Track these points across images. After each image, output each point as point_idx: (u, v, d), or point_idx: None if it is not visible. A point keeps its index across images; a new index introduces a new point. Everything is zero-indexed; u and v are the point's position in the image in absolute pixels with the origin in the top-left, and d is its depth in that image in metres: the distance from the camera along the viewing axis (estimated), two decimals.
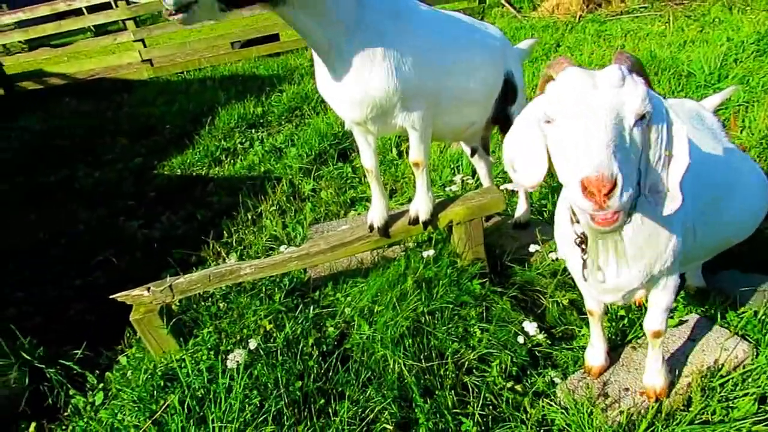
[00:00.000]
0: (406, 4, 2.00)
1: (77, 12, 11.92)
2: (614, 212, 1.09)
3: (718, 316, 2.21)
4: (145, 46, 8.68)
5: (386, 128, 2.09)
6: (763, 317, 2.12)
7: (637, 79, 1.16)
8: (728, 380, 1.89)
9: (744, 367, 1.94)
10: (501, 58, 2.39)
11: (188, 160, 4.97)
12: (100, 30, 13.52)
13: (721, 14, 6.78)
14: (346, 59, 1.86)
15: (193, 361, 2.24)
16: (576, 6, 8.28)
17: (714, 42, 5.54)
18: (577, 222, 1.47)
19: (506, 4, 9.20)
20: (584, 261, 1.54)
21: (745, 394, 1.84)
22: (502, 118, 2.52)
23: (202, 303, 2.66)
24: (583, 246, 1.51)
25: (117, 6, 8.62)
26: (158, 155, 5.30)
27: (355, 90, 1.90)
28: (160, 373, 2.26)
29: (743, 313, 2.16)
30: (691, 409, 1.82)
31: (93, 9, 9.61)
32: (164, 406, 2.02)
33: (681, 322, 2.17)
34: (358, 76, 1.88)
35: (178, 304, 2.65)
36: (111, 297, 2.34)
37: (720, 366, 1.94)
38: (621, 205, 1.05)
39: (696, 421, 1.78)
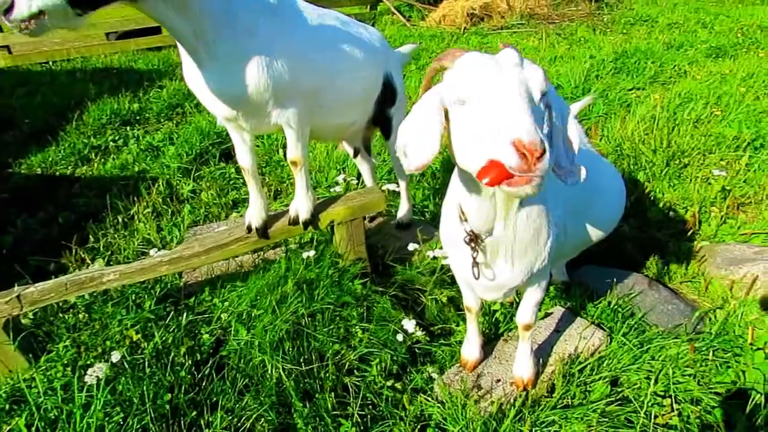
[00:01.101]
0: (285, 3, 1.95)
1: None
2: (538, 177, 1.08)
3: (579, 307, 2.39)
4: (1, 31, 7.75)
5: (260, 126, 2.02)
6: (616, 306, 2.34)
7: (529, 62, 1.22)
8: (586, 366, 2.04)
9: (600, 353, 2.12)
10: (381, 59, 2.42)
11: (51, 158, 4.49)
12: None
13: (587, 34, 7.48)
14: (214, 54, 1.77)
15: (45, 380, 2.01)
16: (461, 18, 8.69)
17: (580, 59, 6.08)
18: (466, 221, 1.50)
19: (396, 13, 9.44)
20: (474, 259, 1.57)
21: (600, 378, 2.00)
22: (382, 119, 2.55)
23: (61, 315, 2.40)
24: (473, 244, 1.53)
25: None
26: (15, 152, 4.72)
27: (223, 85, 1.82)
28: (4, 396, 1.99)
29: (599, 303, 2.36)
30: (554, 395, 1.95)
31: None
32: None
33: (547, 315, 2.33)
34: (226, 72, 1.80)
35: (31, 317, 2.37)
36: None
37: (579, 353, 2.10)
38: (545, 170, 1.06)
39: (558, 406, 1.91)
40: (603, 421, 1.83)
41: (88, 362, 2.07)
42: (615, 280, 2.46)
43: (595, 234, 2.03)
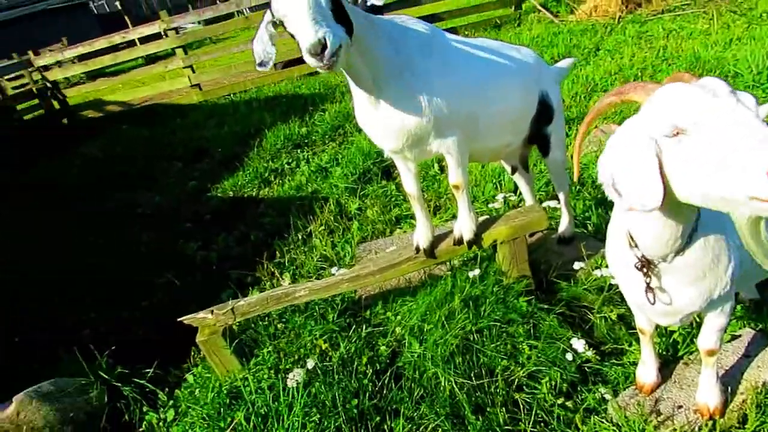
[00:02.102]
0: (437, 39, 2.11)
1: (130, 43, 12.58)
2: None
3: None
4: (193, 72, 9.11)
5: (423, 154, 2.20)
6: None
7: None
8: None
9: None
10: (535, 80, 2.45)
11: (239, 182, 5.21)
12: (150, 57, 14.21)
13: None
14: (383, 93, 1.98)
15: (255, 380, 2.39)
16: (615, 7, 8.15)
17: (763, 38, 5.37)
18: (636, 246, 1.50)
19: (542, 9, 9.15)
20: (647, 284, 1.56)
21: None
22: (539, 137, 2.58)
23: (260, 323, 2.82)
24: (645, 270, 1.52)
25: (167, 36, 9.08)
26: (211, 178, 5.57)
27: (390, 121, 2.02)
28: (225, 392, 2.42)
29: None
30: (746, 426, 1.82)
31: (144, 39, 10.15)
32: (232, 424, 2.17)
33: (734, 337, 2.16)
34: (393, 109, 2.00)
35: (237, 324, 2.82)
36: (179, 320, 2.52)
37: None
38: None
39: None
40: None
41: (287, 367, 2.42)
42: None
43: None
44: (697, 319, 2.17)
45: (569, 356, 2.17)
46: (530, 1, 9.49)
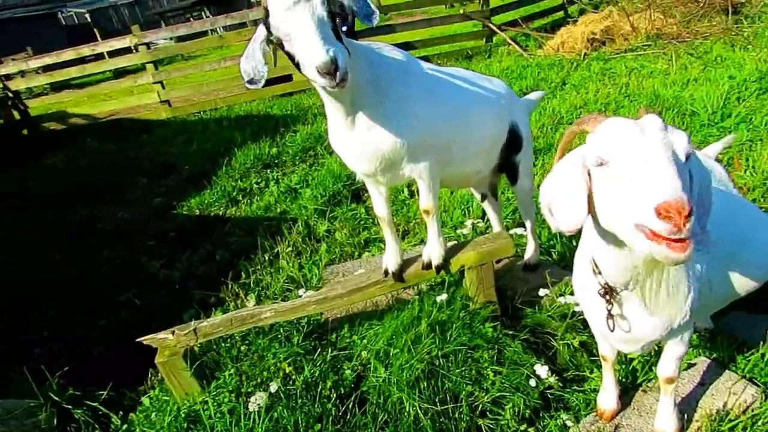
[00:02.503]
0: (415, 67, 2.16)
1: (99, 56, 12.39)
2: (686, 239, 1.07)
3: (726, 358, 2.26)
4: (163, 88, 9.00)
5: (395, 179, 2.23)
6: None
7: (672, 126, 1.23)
8: (737, 424, 1.93)
9: (753, 411, 1.99)
10: (506, 110, 2.52)
11: (206, 200, 5.14)
12: (119, 71, 14.00)
13: (724, 52, 6.93)
14: (360, 116, 2.00)
15: (215, 404, 2.32)
16: (580, 44, 8.48)
17: (717, 80, 5.66)
18: (599, 273, 1.54)
19: (512, 43, 9.45)
20: (609, 312, 1.60)
21: None
22: (508, 166, 2.65)
23: (222, 344, 2.75)
24: (608, 297, 1.56)
25: (137, 50, 8.98)
26: (177, 195, 5.47)
27: (366, 145, 2.04)
28: (183, 415, 2.34)
29: (750, 355, 2.22)
30: None
31: (114, 53, 10.01)
32: None
33: (690, 366, 2.23)
34: (369, 132, 2.02)
35: (199, 346, 2.74)
36: (138, 340, 2.44)
37: (728, 410, 1.98)
38: (692, 231, 1.06)
39: None
40: None
41: (249, 390, 2.37)
42: None
43: (745, 286, 1.93)
44: (656, 348, 2.23)
45: (532, 382, 2.19)
46: (501, 35, 9.79)
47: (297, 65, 1.70)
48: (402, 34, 9.96)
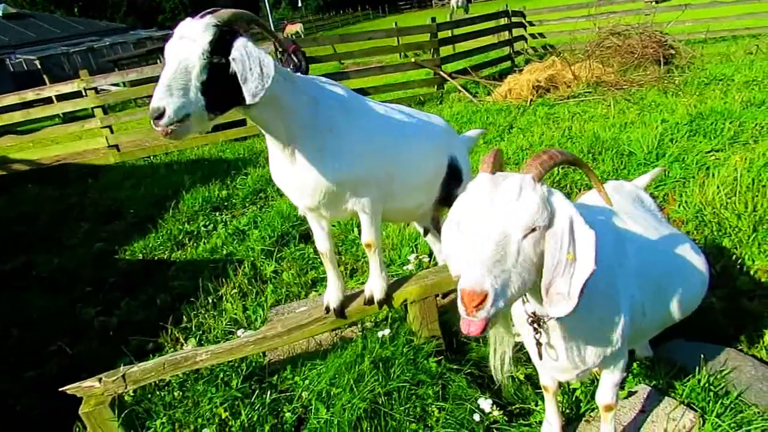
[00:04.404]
0: (356, 102, 2.18)
1: (46, 100, 12.11)
2: (482, 320, 1.20)
3: (666, 385, 2.27)
4: (112, 132, 8.81)
5: (338, 213, 2.20)
6: (707, 385, 2.20)
7: (537, 189, 1.27)
8: None
9: None
10: (445, 144, 2.57)
11: (150, 244, 4.96)
12: (69, 116, 13.69)
13: (657, 98, 7.38)
14: (301, 151, 1.99)
15: None
16: (527, 91, 8.87)
17: (651, 123, 5.99)
18: (527, 302, 1.54)
19: (462, 90, 9.80)
20: (537, 340, 1.59)
21: None
22: (449, 199, 2.67)
23: (158, 392, 2.60)
24: (535, 326, 1.56)
25: (87, 95, 8.82)
26: (120, 240, 5.27)
27: (307, 179, 2.02)
28: None
29: (687, 381, 2.24)
30: None
31: (62, 97, 9.79)
32: None
33: (630, 393, 2.23)
34: (311, 167, 2.00)
35: (132, 394, 2.58)
36: (60, 390, 2.27)
37: None
38: (487, 316, 1.18)
39: None
40: None
41: None
42: (704, 355, 2.33)
43: (678, 313, 1.96)
44: (597, 377, 2.23)
45: (477, 417, 2.14)
46: (452, 82, 10.14)
47: None
48: (355, 81, 10.18)
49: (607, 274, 1.55)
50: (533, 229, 1.25)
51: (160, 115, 1.57)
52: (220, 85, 1.67)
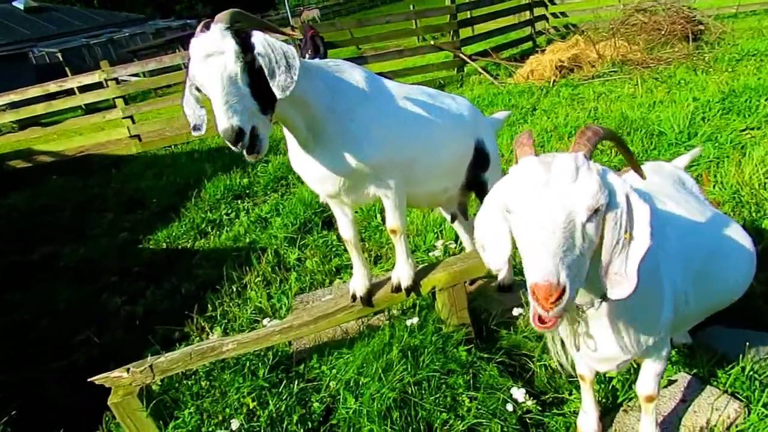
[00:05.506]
0: (374, 86, 2.10)
1: (68, 92, 12.24)
2: (553, 317, 1.11)
3: (707, 373, 2.18)
4: (133, 123, 8.88)
5: (360, 199, 2.15)
6: (751, 373, 2.10)
7: (592, 167, 1.18)
8: None
9: (737, 426, 1.91)
10: (471, 127, 2.48)
11: (174, 233, 4.98)
12: (91, 107, 13.83)
13: (687, 76, 7.13)
14: (319, 139, 1.94)
15: None
16: (549, 72, 8.65)
17: (681, 102, 5.79)
18: None
19: (483, 72, 9.61)
20: (575, 330, 1.52)
21: None
22: (476, 184, 2.59)
23: (185, 381, 2.59)
24: (574, 314, 1.48)
25: (108, 85, 8.87)
26: (144, 229, 5.30)
27: (326, 166, 1.97)
28: None
29: (731, 369, 2.14)
30: None
31: (84, 89, 9.87)
32: None
33: (670, 382, 2.15)
34: (331, 154, 1.95)
35: (159, 384, 2.57)
36: (89, 380, 2.27)
37: (712, 426, 1.90)
38: (563, 310, 1.09)
39: None
40: None
41: (210, 429, 2.21)
42: (747, 342, 2.22)
43: (723, 299, 1.87)
44: (634, 365, 2.15)
45: (509, 407, 2.08)
46: (472, 64, 9.96)
47: None
48: (374, 65, 10.06)
49: (650, 259, 1.46)
50: (596, 210, 1.16)
51: (237, 134, 1.55)
52: (261, 83, 1.63)
